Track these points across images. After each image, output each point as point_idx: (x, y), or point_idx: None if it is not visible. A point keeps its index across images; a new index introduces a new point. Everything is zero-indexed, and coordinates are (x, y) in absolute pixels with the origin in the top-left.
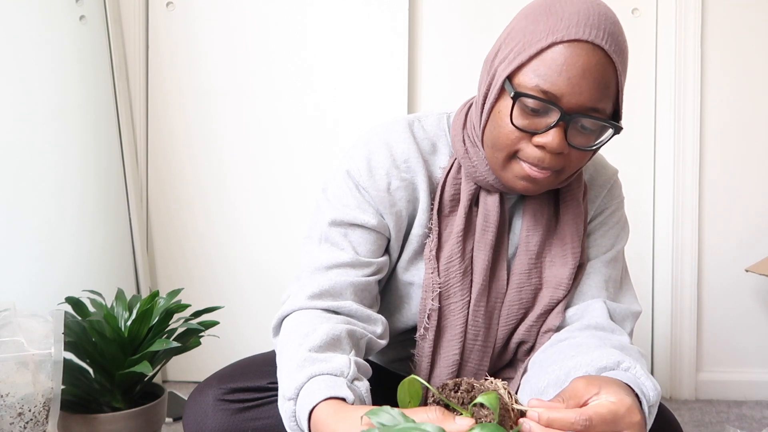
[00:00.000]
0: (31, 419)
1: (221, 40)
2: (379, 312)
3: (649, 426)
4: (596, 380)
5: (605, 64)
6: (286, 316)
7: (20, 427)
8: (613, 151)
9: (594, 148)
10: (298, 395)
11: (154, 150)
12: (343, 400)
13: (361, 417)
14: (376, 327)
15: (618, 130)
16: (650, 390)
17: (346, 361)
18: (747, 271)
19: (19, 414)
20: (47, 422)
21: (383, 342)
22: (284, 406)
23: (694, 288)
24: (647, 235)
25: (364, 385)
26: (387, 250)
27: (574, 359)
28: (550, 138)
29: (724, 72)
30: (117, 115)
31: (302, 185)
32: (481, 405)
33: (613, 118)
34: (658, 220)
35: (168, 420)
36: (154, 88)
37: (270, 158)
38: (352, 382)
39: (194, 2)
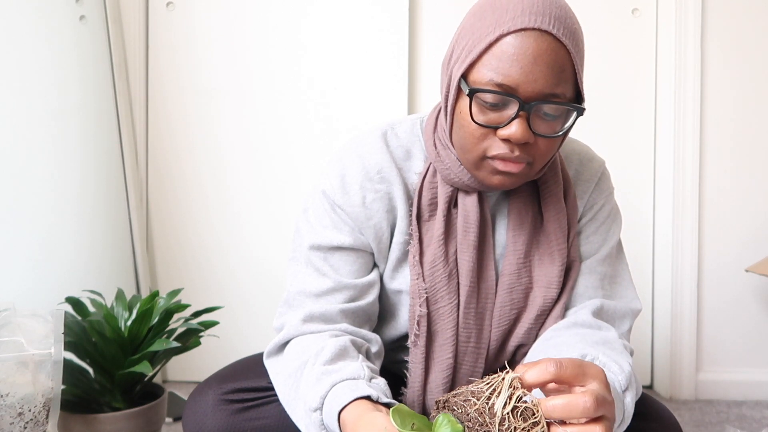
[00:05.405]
0: (31, 419)
1: (221, 40)
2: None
3: (631, 411)
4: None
5: (556, 49)
6: (286, 342)
7: (20, 427)
8: (613, 151)
9: (561, 134)
10: (323, 405)
11: (154, 150)
12: (368, 398)
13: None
14: (372, 346)
15: (581, 111)
16: (617, 373)
17: (358, 365)
18: (747, 271)
19: (19, 414)
20: (47, 422)
21: (378, 362)
22: (311, 418)
23: (694, 288)
24: (647, 236)
25: (381, 381)
26: (375, 265)
27: None
28: (514, 129)
29: (724, 72)
30: (117, 115)
31: (302, 185)
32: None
33: (576, 101)
34: (658, 220)
35: (168, 420)
36: (154, 88)
37: (270, 158)
38: (369, 381)
39: (194, 2)
